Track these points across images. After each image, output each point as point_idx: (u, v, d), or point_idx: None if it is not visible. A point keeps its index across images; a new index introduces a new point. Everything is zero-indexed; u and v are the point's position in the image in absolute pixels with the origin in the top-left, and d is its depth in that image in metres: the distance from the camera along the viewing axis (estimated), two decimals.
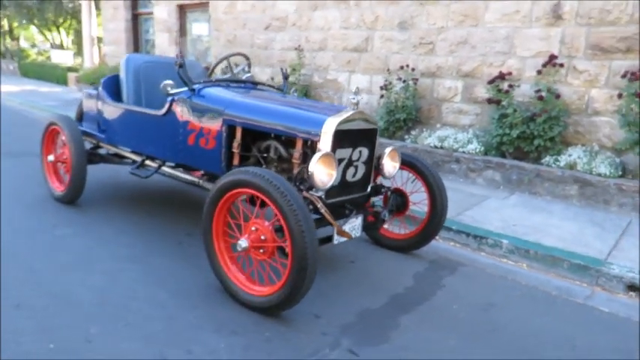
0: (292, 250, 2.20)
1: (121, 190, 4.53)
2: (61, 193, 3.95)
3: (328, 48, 7.51)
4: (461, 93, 6.13)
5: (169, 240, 3.35)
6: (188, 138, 3.16)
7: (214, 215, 2.53)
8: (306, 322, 2.37)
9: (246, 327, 2.29)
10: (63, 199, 3.91)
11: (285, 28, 8.09)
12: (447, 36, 6.15)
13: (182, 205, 4.21)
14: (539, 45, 5.43)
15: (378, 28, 6.85)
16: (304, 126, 2.70)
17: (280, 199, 2.19)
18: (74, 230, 3.40)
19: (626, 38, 4.86)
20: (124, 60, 3.84)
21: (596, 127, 5.13)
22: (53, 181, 4.12)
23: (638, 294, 3.07)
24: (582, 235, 3.83)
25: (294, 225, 2.16)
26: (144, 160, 3.62)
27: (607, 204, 4.56)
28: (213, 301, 2.52)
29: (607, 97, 5.04)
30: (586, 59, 5.13)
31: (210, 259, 2.59)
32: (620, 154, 4.96)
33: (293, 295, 2.25)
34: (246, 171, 2.35)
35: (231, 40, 9.08)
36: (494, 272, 3.29)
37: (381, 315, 2.52)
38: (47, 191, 4.14)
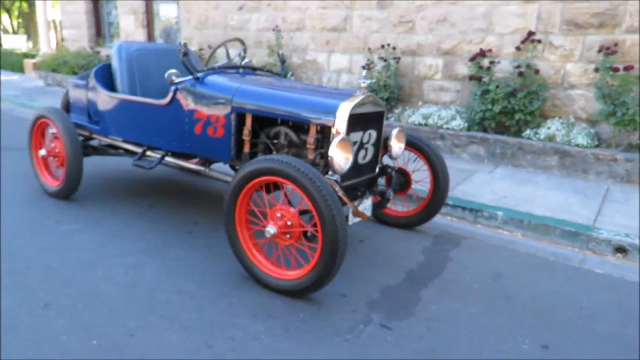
0: (323, 234, 2.27)
1: (116, 181, 4.45)
2: (55, 188, 3.86)
3: (306, 28, 7.47)
4: (441, 70, 6.27)
5: (179, 230, 3.36)
6: (195, 127, 3.14)
7: (237, 204, 2.56)
8: (335, 302, 2.47)
9: (280, 310, 2.37)
10: (58, 195, 3.82)
11: (260, 9, 7.97)
12: (427, 14, 6.24)
13: (183, 195, 4.19)
14: (516, 22, 5.60)
15: (356, 8, 6.86)
16: (318, 111, 2.75)
17: (310, 185, 2.26)
18: (79, 226, 3.35)
19: (599, 14, 5.09)
20: (116, 48, 3.74)
21: (572, 100, 5.38)
22: (45, 177, 4.01)
23: (624, 255, 3.34)
24: (568, 204, 4.07)
25: (324, 210, 2.24)
26: (145, 150, 3.58)
27: (585, 173, 4.84)
28: (240, 288, 2.58)
29: (582, 71, 5.29)
30: (561, 35, 5.34)
31: (234, 248, 2.63)
32: (594, 125, 5.25)
33: (324, 277, 2.34)
34: (272, 159, 2.40)
35: (202, 21, 8.86)
36: (494, 243, 3.48)
37: (402, 290, 2.65)
38: (37, 187, 4.03)
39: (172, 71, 3.11)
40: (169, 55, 3.99)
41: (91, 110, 3.94)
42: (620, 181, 4.66)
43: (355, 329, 2.24)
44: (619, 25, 5.00)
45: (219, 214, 3.71)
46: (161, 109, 3.27)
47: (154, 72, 3.81)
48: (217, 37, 8.68)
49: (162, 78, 3.83)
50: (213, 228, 3.43)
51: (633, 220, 3.71)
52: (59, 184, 3.82)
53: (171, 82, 3.12)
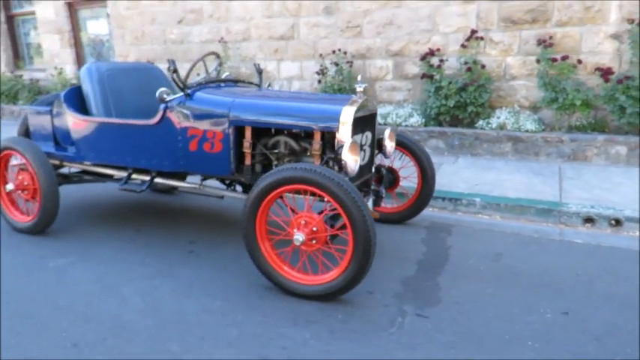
0: (354, 235, 2.35)
1: (90, 209, 4.21)
2: (27, 223, 3.58)
3: (252, 38, 7.47)
4: (392, 71, 6.56)
5: (179, 251, 3.27)
6: (189, 144, 3.08)
7: (257, 216, 2.56)
8: (365, 300, 2.55)
9: (317, 315, 2.41)
10: (32, 230, 3.55)
11: (201, 21, 7.85)
12: (373, 18, 6.50)
13: (167, 216, 4.06)
14: (458, 21, 6.00)
15: (302, 15, 6.98)
16: (321, 118, 2.82)
17: (338, 190, 2.32)
18: (69, 259, 3.15)
19: (531, 10, 5.59)
20: (85, 71, 3.55)
21: (515, 90, 5.86)
22: (12, 213, 3.71)
23: (592, 225, 3.72)
24: (532, 184, 4.45)
25: (355, 212, 2.31)
26: (130, 174, 3.44)
27: (537, 155, 5.30)
28: (267, 299, 2.58)
29: (520, 63, 5.78)
30: (500, 31, 5.81)
31: (256, 262, 2.62)
32: (536, 112, 5.75)
33: (358, 276, 2.41)
34: (294, 167, 2.43)
35: (139, 37, 8.55)
36: (479, 227, 3.73)
37: (420, 280, 2.79)
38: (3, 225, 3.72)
39: (163, 89, 3.04)
40: (140, 73, 3.86)
41: (59, 137, 3.72)
42: (568, 159, 5.16)
43: (395, 322, 2.34)
44: (549, 19, 5.53)
45: (213, 230, 3.65)
46: (150, 129, 3.16)
47: (127, 92, 3.68)
48: (157, 52, 8.42)
49: (136, 97, 3.72)
50: (212, 244, 3.38)
51: (591, 192, 4.14)
52: (32, 219, 3.55)
53: (162, 100, 3.04)
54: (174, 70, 3.01)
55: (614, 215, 3.67)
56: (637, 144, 4.84)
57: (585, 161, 5.08)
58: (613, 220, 3.67)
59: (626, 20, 5.10)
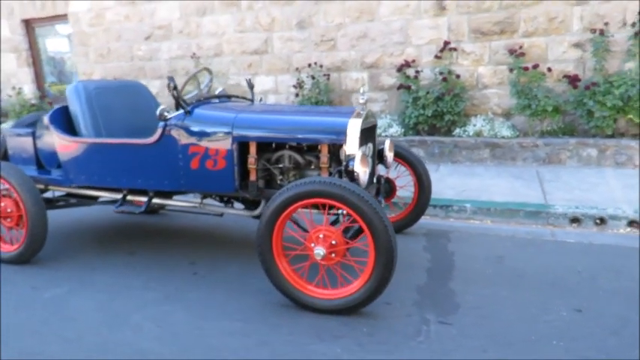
0: (376, 246, 2.36)
1: (76, 232, 4.01)
2: (12, 253, 3.37)
3: (225, 53, 7.41)
4: (368, 83, 6.67)
5: (181, 273, 3.17)
6: (190, 162, 3.01)
7: (274, 232, 2.53)
8: (385, 311, 2.55)
9: (341, 329, 2.39)
10: (17, 259, 3.34)
11: (170, 37, 7.72)
12: (347, 32, 6.60)
13: (158, 236, 3.93)
14: (430, 33, 6.20)
15: (276, 30, 7.00)
16: (328, 131, 2.83)
17: (360, 202, 2.33)
18: (65, 289, 2.98)
19: (499, 22, 5.86)
20: (72, 90, 3.41)
21: (487, 98, 6.10)
22: None
23: (579, 224, 3.90)
24: (515, 188, 4.62)
25: (378, 223, 2.33)
26: (125, 195, 3.31)
27: (514, 160, 5.51)
28: (286, 317, 2.54)
29: (492, 72, 6.02)
30: (471, 42, 6.04)
31: (274, 280, 2.57)
32: (508, 118, 6.00)
33: (380, 288, 2.41)
34: (314, 181, 2.42)
35: (104, 54, 8.30)
36: (474, 232, 3.83)
37: (434, 287, 2.82)
38: None
39: (163, 107, 2.97)
40: (126, 91, 3.75)
41: (43, 160, 3.54)
42: (543, 163, 5.40)
43: (421, 331, 2.35)
44: (517, 30, 5.81)
45: (212, 250, 3.56)
46: (148, 148, 3.07)
47: (116, 110, 3.56)
48: (123, 69, 8.20)
49: (125, 116, 3.61)
50: (214, 264, 3.29)
51: (571, 193, 4.34)
52: (18, 248, 3.34)
53: (163, 118, 2.96)
54: (175, 87, 2.95)
55: (599, 214, 3.87)
56: (606, 146, 5.13)
57: (559, 164, 5.33)
58: (598, 219, 3.86)
59: (589, 30, 5.43)
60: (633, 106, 5.08)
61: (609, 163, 5.14)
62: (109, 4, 7.99)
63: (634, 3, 5.28)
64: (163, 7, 7.61)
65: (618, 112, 5.17)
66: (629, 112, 5.15)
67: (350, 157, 2.76)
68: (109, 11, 8.05)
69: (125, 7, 7.89)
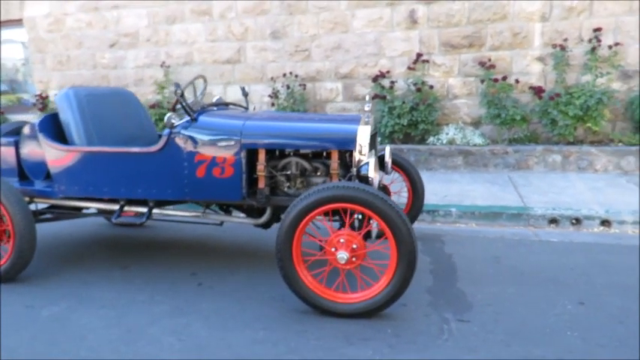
0: (399, 249, 2.42)
1: (58, 247, 3.79)
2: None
3: (195, 62, 7.31)
4: (342, 93, 6.80)
5: (186, 285, 3.08)
6: (196, 170, 2.96)
7: (294, 239, 2.53)
8: (404, 312, 2.61)
9: (367, 332, 2.42)
10: (1, 277, 3.13)
11: (137, 45, 7.51)
12: (321, 42, 6.71)
13: (148, 248, 3.79)
14: (402, 45, 6.43)
15: (249, 39, 6.99)
16: (338, 138, 2.88)
17: (384, 206, 2.39)
18: (64, 306, 2.82)
19: (468, 36, 6.17)
20: (63, 97, 3.26)
21: (457, 108, 6.38)
22: None
23: (557, 225, 4.16)
24: (492, 193, 4.86)
25: (402, 226, 2.39)
26: (123, 206, 3.19)
27: (486, 166, 5.79)
28: (309, 322, 2.54)
29: (461, 83, 6.32)
30: (441, 54, 6.32)
31: (294, 287, 2.56)
32: (477, 127, 6.30)
33: (401, 290, 2.47)
34: (337, 186, 2.45)
35: (63, 61, 7.93)
36: (464, 235, 3.99)
37: (443, 288, 2.92)
38: None
39: (170, 114, 2.90)
40: (116, 98, 3.63)
41: (28, 171, 3.35)
42: (513, 169, 5.71)
43: (444, 330, 2.43)
44: (484, 44, 6.14)
45: (211, 259, 3.50)
46: (151, 157, 2.99)
47: (107, 118, 3.43)
48: (85, 78, 7.88)
49: (116, 124, 3.50)
50: (216, 274, 3.23)
51: (545, 196, 4.63)
52: (2, 264, 3.13)
53: (170, 126, 2.90)
54: (182, 94, 2.90)
55: (574, 215, 4.15)
56: (570, 152, 5.51)
57: (528, 169, 5.66)
58: (574, 220, 4.14)
59: (550, 45, 5.84)
60: (592, 115, 5.50)
61: (572, 168, 5.52)
62: (70, 9, 7.67)
63: (588, 21, 5.74)
64: (130, 15, 7.41)
65: (578, 121, 5.57)
66: (587, 121, 5.56)
67: (362, 163, 2.82)
68: (69, 17, 7.72)
69: (88, 14, 7.61)
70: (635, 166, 5.31)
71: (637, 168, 5.31)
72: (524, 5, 5.91)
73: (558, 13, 5.84)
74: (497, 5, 6.00)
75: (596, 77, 5.60)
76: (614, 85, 5.69)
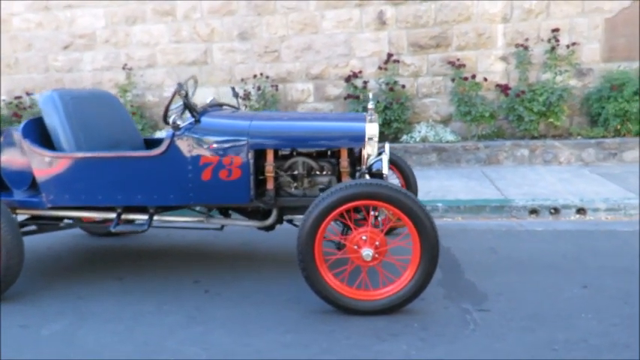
0: (422, 244, 2.46)
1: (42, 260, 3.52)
2: None
3: (159, 64, 7.05)
4: (313, 94, 6.80)
5: (192, 293, 2.96)
6: (201, 173, 2.85)
7: (316, 239, 2.50)
8: (423, 306, 2.64)
9: (395, 327, 2.43)
10: None
11: (94, 46, 7.13)
12: (291, 43, 6.68)
13: (140, 257, 3.61)
14: (372, 46, 6.53)
15: (216, 41, 6.84)
16: (346, 136, 2.88)
17: (408, 201, 2.41)
18: (66, 323, 2.62)
19: (435, 37, 6.37)
20: (48, 99, 3.03)
21: (427, 106, 6.56)
22: None
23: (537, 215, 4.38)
24: (470, 187, 5.04)
25: (425, 221, 2.43)
26: (120, 213, 3.02)
27: (458, 162, 5.99)
28: (333, 322, 2.51)
29: (430, 82, 6.51)
30: (410, 55, 6.48)
31: (316, 288, 2.52)
32: (446, 124, 6.51)
33: (424, 285, 2.51)
34: (360, 183, 2.45)
35: (11, 64, 7.39)
36: (454, 229, 4.10)
37: (453, 280, 2.99)
38: None
39: (174, 115, 2.78)
40: (99, 101, 3.43)
41: (8, 180, 3.09)
42: (484, 164, 5.95)
43: (468, 320, 2.48)
44: (450, 44, 6.36)
45: (209, 266, 3.38)
46: (152, 161, 2.84)
47: (93, 122, 3.23)
48: (36, 81, 7.38)
49: (102, 127, 3.31)
50: (220, 280, 3.13)
51: (521, 189, 4.85)
52: None
53: (176, 128, 2.77)
54: (187, 93, 2.79)
55: (552, 205, 4.38)
56: (536, 146, 5.82)
57: (498, 164, 5.92)
58: (552, 209, 4.37)
59: (512, 45, 6.14)
60: (554, 110, 5.83)
61: (539, 161, 5.83)
62: (16, 9, 7.16)
63: (546, 22, 6.10)
64: (85, 15, 7.03)
65: (541, 117, 5.90)
66: (549, 116, 5.90)
67: (372, 160, 2.84)
68: (16, 17, 7.21)
69: (38, 14, 7.14)
70: (595, 158, 5.69)
71: (596, 159, 5.69)
72: (487, 7, 6.18)
73: (518, 15, 6.15)
74: (461, 6, 6.23)
75: (555, 75, 5.95)
76: (571, 82, 6.07)
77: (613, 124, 5.67)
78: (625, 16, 5.92)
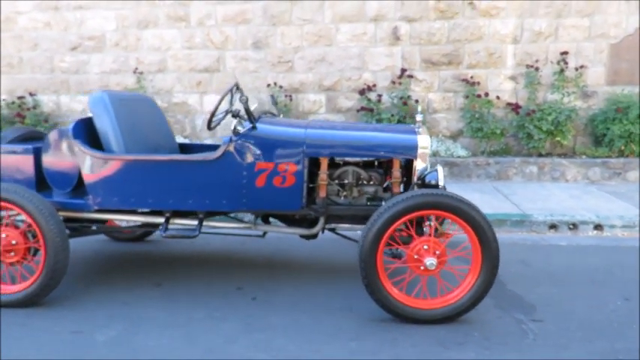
0: (484, 253, 2.52)
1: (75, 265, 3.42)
2: (17, 294, 2.78)
3: (169, 69, 6.99)
4: (325, 105, 6.85)
5: (237, 300, 2.93)
6: (256, 180, 2.85)
7: (379, 249, 2.53)
8: (478, 315, 2.67)
9: (457, 337, 2.46)
10: (25, 301, 2.77)
11: (103, 49, 7.04)
12: (304, 55, 6.74)
13: (173, 263, 3.55)
14: (385, 61, 6.64)
15: (229, 48, 6.84)
16: (400, 147, 2.93)
17: (472, 211, 2.48)
18: (117, 329, 2.56)
19: (447, 54, 6.53)
20: (98, 100, 2.98)
21: (437, 122, 6.70)
22: None
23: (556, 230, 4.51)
24: (487, 202, 5.14)
25: (488, 231, 2.50)
26: (168, 218, 2.98)
27: (469, 177, 6.12)
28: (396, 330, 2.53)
29: (441, 98, 6.65)
30: (422, 71, 6.61)
31: (377, 296, 2.54)
32: (455, 140, 6.64)
33: (484, 294, 2.56)
34: (426, 193, 2.50)
35: (14, 64, 7.22)
36: None
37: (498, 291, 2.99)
38: None
39: (236, 120, 2.79)
40: (141, 104, 3.40)
41: (52, 181, 3.03)
42: (494, 179, 6.09)
43: (526, 331, 2.54)
44: (462, 62, 6.53)
45: (246, 272, 3.35)
46: (208, 166, 2.83)
47: (137, 125, 3.20)
48: (40, 82, 7.22)
49: (145, 131, 3.29)
50: (261, 286, 3.12)
51: (535, 204, 4.98)
52: (28, 286, 2.77)
53: (236, 133, 2.78)
54: (247, 100, 2.80)
55: (571, 221, 4.52)
56: (544, 164, 6.00)
57: (507, 179, 6.06)
58: (571, 225, 4.51)
59: (520, 65, 6.35)
60: (561, 130, 6.03)
61: (547, 178, 6.00)
62: (24, 8, 7.02)
63: (554, 45, 6.33)
64: (96, 17, 6.94)
65: (549, 135, 6.09)
66: (557, 135, 6.10)
67: (426, 171, 2.90)
68: (22, 16, 7.06)
69: (46, 14, 7.01)
70: (600, 176, 5.90)
71: (602, 178, 5.90)
72: (499, 27, 6.38)
73: (528, 37, 6.37)
74: (474, 26, 6.42)
75: (563, 96, 6.17)
76: (576, 103, 6.30)
77: (618, 145, 5.90)
78: (629, 42, 6.21)
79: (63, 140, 2.95)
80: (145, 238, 4.14)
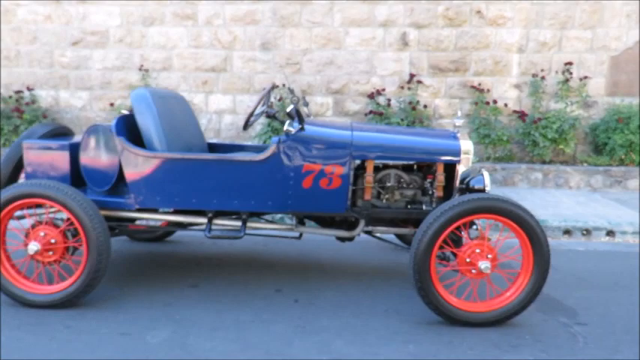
0: (536, 257, 2.56)
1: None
2: (56, 294, 2.67)
3: (175, 68, 6.88)
4: (332, 108, 6.86)
5: (280, 302, 2.90)
6: (302, 181, 2.83)
7: (433, 252, 2.54)
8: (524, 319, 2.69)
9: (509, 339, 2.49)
10: (63, 301, 2.67)
11: (106, 45, 6.88)
12: (313, 57, 6.74)
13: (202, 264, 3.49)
14: (393, 65, 6.70)
15: (237, 49, 6.78)
16: (444, 151, 2.95)
17: (526, 216, 2.51)
18: (167, 331, 2.49)
19: (454, 61, 6.63)
20: (140, 97, 2.91)
21: (443, 127, 6.78)
22: (22, 283, 2.72)
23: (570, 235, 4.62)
24: None
25: (541, 236, 2.54)
26: (211, 218, 2.93)
27: None
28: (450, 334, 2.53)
29: (447, 104, 6.74)
30: (429, 76, 6.69)
31: (430, 299, 2.54)
32: None
33: (534, 297, 2.60)
34: (479, 197, 2.52)
35: (11, 57, 6.98)
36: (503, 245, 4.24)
37: None
38: None
39: (289, 121, 2.77)
40: (176, 102, 3.33)
41: (89, 179, 2.94)
42: (500, 185, 6.20)
43: (575, 334, 2.59)
44: (468, 69, 6.64)
45: (283, 274, 3.32)
46: (255, 166, 2.79)
47: (174, 123, 3.13)
48: (38, 77, 7.01)
49: (181, 130, 3.23)
50: (300, 288, 3.10)
51: (546, 210, 5.10)
52: (67, 287, 2.68)
53: (288, 134, 2.75)
54: (299, 100, 2.78)
55: (584, 227, 4.64)
56: (549, 170, 6.14)
57: (513, 186, 6.18)
58: (584, 231, 4.63)
59: (525, 74, 6.50)
60: (565, 138, 6.19)
61: (551, 185, 6.15)
62: (23, 0, 6.80)
63: (557, 55, 6.50)
64: (99, 12, 6.78)
65: (553, 143, 6.24)
66: (560, 143, 6.25)
67: (471, 176, 2.93)
68: (22, 8, 6.84)
69: (47, 6, 6.81)
70: (602, 184, 6.07)
71: (603, 185, 6.08)
72: (505, 37, 6.52)
73: (533, 47, 6.52)
74: (481, 35, 6.53)
75: (566, 105, 6.34)
76: (578, 112, 6.48)
77: (619, 154, 6.09)
78: (628, 55, 6.43)
79: (104, 137, 2.86)
80: (165, 239, 4.06)
